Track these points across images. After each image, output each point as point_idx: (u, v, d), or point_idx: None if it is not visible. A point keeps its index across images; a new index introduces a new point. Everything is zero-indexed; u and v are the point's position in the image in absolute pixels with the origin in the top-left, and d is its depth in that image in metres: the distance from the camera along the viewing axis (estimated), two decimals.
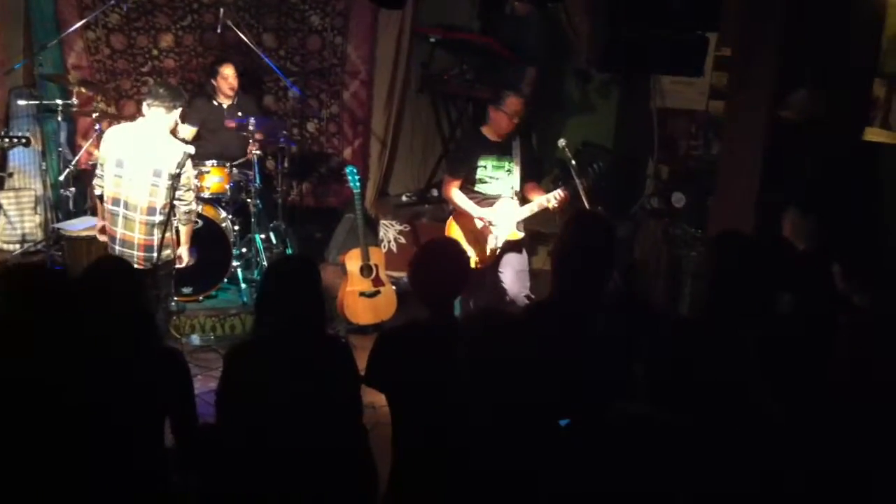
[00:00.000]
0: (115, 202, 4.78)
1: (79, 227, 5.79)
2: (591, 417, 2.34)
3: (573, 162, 5.00)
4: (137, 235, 4.76)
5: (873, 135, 4.75)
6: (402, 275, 6.08)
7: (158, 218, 4.74)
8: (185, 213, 4.88)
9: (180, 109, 4.87)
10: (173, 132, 5.07)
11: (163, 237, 4.69)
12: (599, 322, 3.11)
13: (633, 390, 2.80)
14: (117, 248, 4.81)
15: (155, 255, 4.73)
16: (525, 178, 5.31)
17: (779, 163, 5.05)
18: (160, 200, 4.73)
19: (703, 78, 5.73)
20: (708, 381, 2.44)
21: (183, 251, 5.03)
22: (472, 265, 5.21)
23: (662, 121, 6.54)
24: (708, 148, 6.13)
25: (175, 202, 4.73)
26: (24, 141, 5.64)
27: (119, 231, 4.79)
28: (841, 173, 4.80)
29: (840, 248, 3.55)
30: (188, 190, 4.83)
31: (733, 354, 2.55)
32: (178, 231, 4.99)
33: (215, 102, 6.64)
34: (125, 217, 4.77)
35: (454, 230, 5.38)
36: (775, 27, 4.98)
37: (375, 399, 3.14)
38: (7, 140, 5.61)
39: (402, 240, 6.99)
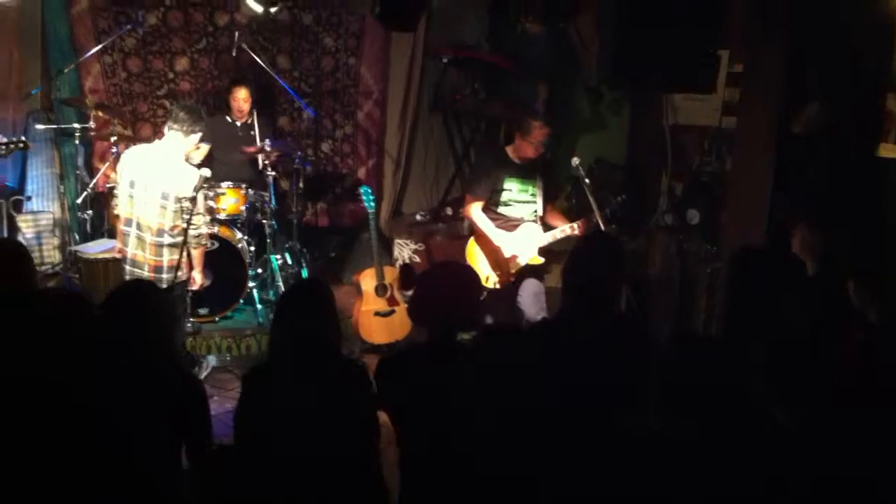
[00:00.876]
0: (128, 222, 4.84)
1: (96, 249, 5.83)
2: (594, 429, 2.35)
3: (587, 181, 5.02)
4: (147, 256, 4.81)
5: (887, 150, 4.73)
6: None
7: (167, 240, 4.79)
8: (195, 236, 4.88)
9: (199, 134, 4.90)
10: (192, 153, 5.09)
11: (179, 259, 4.73)
12: (607, 338, 3.11)
13: (638, 403, 2.81)
14: (128, 267, 4.86)
15: (165, 276, 4.78)
16: (545, 201, 5.31)
17: (790, 177, 5.03)
18: (168, 223, 4.78)
19: (715, 94, 5.74)
20: (715, 393, 2.44)
21: (196, 274, 5.05)
22: (492, 286, 5.23)
23: (674, 137, 6.54)
24: (720, 163, 6.11)
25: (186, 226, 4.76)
26: (21, 145, 5.69)
27: (130, 251, 4.84)
28: (852, 188, 4.79)
29: (852, 264, 3.55)
30: (198, 214, 4.84)
31: (743, 366, 2.57)
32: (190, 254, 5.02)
33: (229, 119, 6.71)
34: (137, 237, 4.82)
35: (474, 252, 5.35)
36: (782, 41, 4.99)
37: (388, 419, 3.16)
38: (4, 146, 5.62)
39: (417, 259, 7.00)
